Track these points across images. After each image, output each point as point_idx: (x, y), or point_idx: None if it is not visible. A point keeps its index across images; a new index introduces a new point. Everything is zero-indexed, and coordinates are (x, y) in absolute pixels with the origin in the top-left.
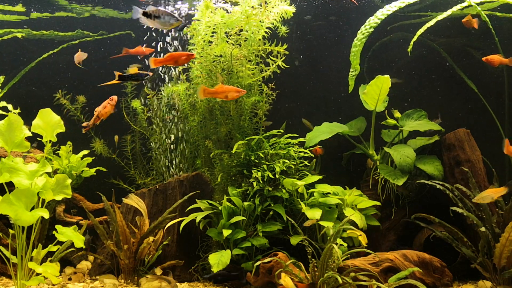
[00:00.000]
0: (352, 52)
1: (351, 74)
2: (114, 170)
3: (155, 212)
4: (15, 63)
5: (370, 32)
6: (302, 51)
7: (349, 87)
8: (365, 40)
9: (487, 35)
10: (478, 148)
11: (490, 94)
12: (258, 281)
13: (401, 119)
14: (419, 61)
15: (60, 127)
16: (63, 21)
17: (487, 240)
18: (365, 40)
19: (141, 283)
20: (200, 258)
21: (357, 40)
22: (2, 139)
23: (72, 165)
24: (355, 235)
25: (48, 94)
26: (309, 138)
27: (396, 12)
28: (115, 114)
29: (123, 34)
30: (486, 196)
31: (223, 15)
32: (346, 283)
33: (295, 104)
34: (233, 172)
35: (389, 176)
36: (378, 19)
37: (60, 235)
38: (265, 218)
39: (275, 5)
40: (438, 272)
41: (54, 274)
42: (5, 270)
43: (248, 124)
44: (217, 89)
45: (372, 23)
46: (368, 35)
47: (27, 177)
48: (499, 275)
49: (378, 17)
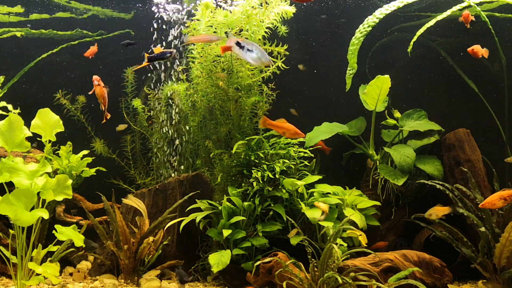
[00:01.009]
0: (350, 50)
1: (348, 73)
2: (114, 170)
3: (155, 212)
4: (14, 63)
5: (368, 31)
6: (302, 51)
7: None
8: (363, 38)
9: (487, 35)
10: (478, 148)
11: (490, 94)
12: (258, 281)
13: (401, 119)
14: (419, 61)
15: (59, 127)
16: (62, 22)
17: (487, 240)
18: (363, 38)
19: (141, 283)
20: (200, 258)
21: (355, 38)
22: (2, 139)
23: (72, 165)
24: (355, 235)
25: (48, 94)
26: (309, 138)
27: (397, 12)
28: (116, 114)
29: (122, 33)
30: (432, 213)
31: (225, 15)
32: (346, 283)
33: (295, 104)
34: (233, 172)
35: (389, 176)
36: (377, 18)
37: (59, 234)
38: (265, 218)
39: (275, 5)
40: (438, 272)
41: (54, 274)
42: (5, 270)
43: (248, 124)
44: (277, 124)
45: (371, 22)
46: (366, 34)
47: (27, 177)
48: (499, 275)
49: (377, 16)
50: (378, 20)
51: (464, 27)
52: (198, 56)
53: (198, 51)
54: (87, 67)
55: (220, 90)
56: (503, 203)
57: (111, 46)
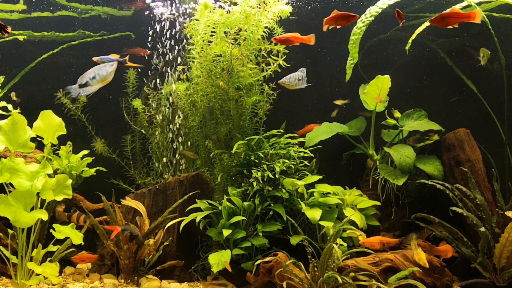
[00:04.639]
0: (351, 40)
1: (349, 63)
2: (114, 170)
3: (155, 212)
4: (15, 63)
5: (371, 21)
6: (302, 51)
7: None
8: (365, 28)
9: (487, 36)
10: (478, 148)
11: (489, 94)
12: (258, 281)
13: (401, 119)
14: (419, 61)
15: (61, 129)
16: (64, 20)
17: (487, 240)
18: (365, 28)
19: (141, 283)
20: (200, 258)
21: (357, 28)
22: (6, 139)
23: (72, 165)
24: (355, 235)
25: (48, 94)
26: (309, 138)
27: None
28: (115, 114)
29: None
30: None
31: (222, 14)
32: (346, 283)
33: (295, 104)
34: (233, 172)
35: (389, 176)
36: (379, 8)
37: (57, 233)
38: (265, 218)
39: (273, 5)
40: (438, 272)
41: (53, 274)
42: (5, 270)
43: (249, 124)
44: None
45: (373, 12)
46: (368, 24)
47: (27, 179)
48: (499, 275)
49: (379, 7)
50: (380, 10)
51: (464, 27)
52: (197, 56)
53: (197, 51)
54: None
55: (220, 89)
56: (381, 247)
57: (112, 46)
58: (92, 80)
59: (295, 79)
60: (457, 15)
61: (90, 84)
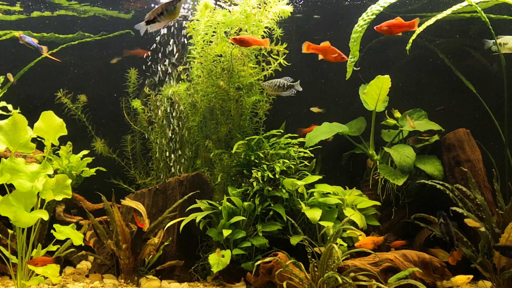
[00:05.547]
0: (352, 38)
1: (349, 61)
2: (114, 170)
3: (155, 212)
4: (14, 63)
5: (372, 19)
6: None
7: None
8: (366, 26)
9: (487, 36)
10: (478, 148)
11: (489, 94)
12: (258, 281)
13: (401, 119)
14: (419, 61)
15: (62, 131)
16: (63, 21)
17: (487, 240)
18: (366, 26)
19: (141, 283)
20: (200, 258)
21: (358, 26)
22: (6, 139)
23: (72, 165)
24: (355, 235)
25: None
26: (309, 138)
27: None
28: (115, 114)
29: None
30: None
31: (225, 14)
32: (346, 283)
33: (295, 103)
34: (233, 172)
35: (389, 176)
36: (381, 7)
37: (58, 233)
38: (265, 218)
39: (273, 5)
40: (438, 272)
41: (53, 274)
42: (5, 270)
43: (249, 124)
44: (321, 47)
45: (375, 10)
46: (370, 22)
47: (28, 179)
48: (499, 275)
49: (381, 5)
50: (382, 9)
51: (463, 27)
52: (198, 56)
53: (198, 51)
54: (88, 66)
55: (220, 89)
56: (374, 246)
57: (112, 46)
58: (160, 16)
59: (274, 85)
60: (400, 24)
61: (158, 20)
